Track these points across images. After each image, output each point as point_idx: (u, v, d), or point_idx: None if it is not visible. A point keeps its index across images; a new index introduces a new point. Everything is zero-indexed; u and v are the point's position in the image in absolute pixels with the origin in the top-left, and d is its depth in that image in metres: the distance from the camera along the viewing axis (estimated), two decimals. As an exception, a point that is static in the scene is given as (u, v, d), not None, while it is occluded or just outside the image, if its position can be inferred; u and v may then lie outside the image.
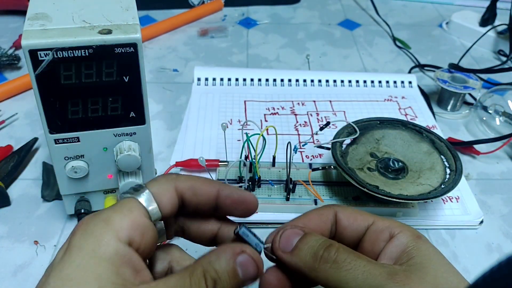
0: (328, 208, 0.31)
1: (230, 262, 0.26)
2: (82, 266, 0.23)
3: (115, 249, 0.24)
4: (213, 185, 0.29)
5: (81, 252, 0.24)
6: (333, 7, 0.89)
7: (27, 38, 0.34)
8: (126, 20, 0.37)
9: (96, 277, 0.23)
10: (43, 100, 0.36)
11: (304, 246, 0.28)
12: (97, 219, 0.25)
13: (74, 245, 0.24)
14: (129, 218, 0.25)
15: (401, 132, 0.50)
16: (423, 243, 0.29)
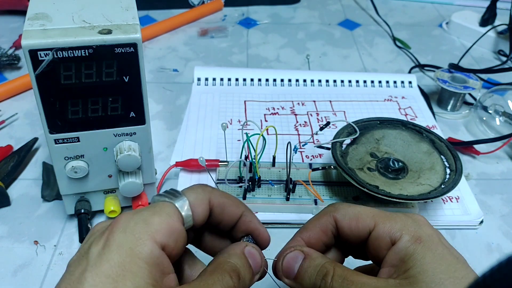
0: (328, 215, 0.32)
1: (242, 255, 0.29)
2: (121, 264, 0.24)
3: (151, 250, 0.25)
4: (239, 208, 0.31)
5: (120, 250, 0.24)
6: (333, 7, 0.89)
7: (27, 38, 0.34)
8: (126, 20, 0.37)
9: (132, 276, 0.24)
10: (43, 100, 0.36)
11: (305, 275, 0.29)
12: (138, 219, 0.26)
13: (112, 243, 0.25)
14: (167, 222, 0.26)
15: (401, 132, 0.50)
16: (422, 248, 0.28)
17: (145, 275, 0.24)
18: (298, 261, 0.30)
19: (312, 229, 0.32)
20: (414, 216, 0.30)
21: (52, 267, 0.42)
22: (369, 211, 0.31)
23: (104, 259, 0.24)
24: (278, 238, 0.44)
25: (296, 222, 0.45)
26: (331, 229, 0.31)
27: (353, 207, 0.32)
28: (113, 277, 0.24)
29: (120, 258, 0.24)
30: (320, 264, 0.29)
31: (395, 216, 0.30)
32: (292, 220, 0.45)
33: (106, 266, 0.24)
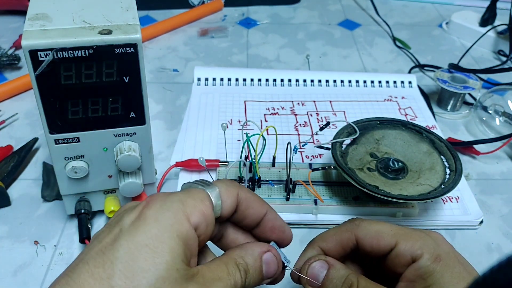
0: (349, 233, 0.33)
1: (257, 259, 0.30)
2: (158, 237, 0.25)
3: (187, 230, 0.26)
4: (263, 206, 0.31)
5: (158, 224, 0.25)
6: (333, 7, 0.89)
7: (27, 38, 0.34)
8: (126, 20, 0.37)
9: (170, 250, 0.25)
10: (43, 100, 0.36)
11: (329, 285, 0.31)
12: (174, 198, 0.27)
13: (149, 216, 0.25)
14: (201, 207, 0.27)
15: (401, 132, 0.50)
16: (441, 268, 0.30)
17: (180, 252, 0.25)
18: (323, 271, 0.31)
19: (332, 242, 0.33)
20: (432, 234, 0.32)
21: (52, 267, 0.42)
22: (389, 229, 0.32)
23: (140, 230, 0.25)
24: (278, 238, 0.45)
25: (296, 222, 0.45)
26: (350, 246, 0.33)
27: (375, 224, 0.33)
28: (151, 248, 0.24)
29: (158, 231, 0.25)
30: (345, 276, 0.31)
31: (415, 234, 0.32)
32: (292, 220, 0.45)
33: (142, 236, 0.25)
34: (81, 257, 0.26)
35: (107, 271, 0.24)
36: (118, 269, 0.24)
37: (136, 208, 0.27)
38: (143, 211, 0.26)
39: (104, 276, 0.24)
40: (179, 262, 0.25)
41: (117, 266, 0.24)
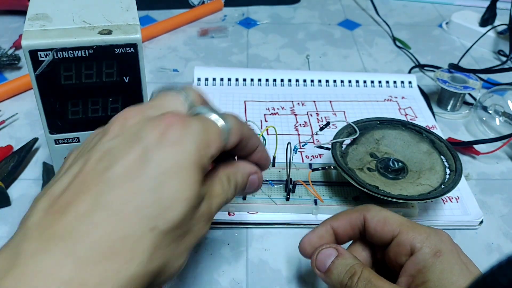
0: (358, 213, 0.34)
1: (245, 178, 0.33)
2: (185, 166, 0.26)
3: (206, 162, 0.27)
4: (257, 141, 0.34)
5: (184, 152, 0.26)
6: (333, 7, 0.89)
7: (27, 38, 0.34)
8: (126, 20, 0.37)
9: (195, 181, 0.26)
10: (43, 101, 0.36)
11: (334, 271, 0.32)
12: (195, 128, 0.27)
13: (175, 142, 0.26)
14: (217, 143, 0.28)
15: (401, 132, 0.50)
16: (440, 262, 0.30)
17: (201, 181, 0.27)
18: (331, 258, 0.33)
19: (342, 221, 0.35)
20: (438, 231, 0.32)
21: (52, 267, 0.42)
22: (397, 218, 0.33)
23: (168, 156, 0.25)
24: (278, 238, 0.45)
25: (296, 222, 0.45)
26: (358, 226, 0.34)
27: (384, 211, 0.34)
28: (179, 176, 0.25)
29: (184, 160, 0.25)
30: (350, 264, 0.32)
31: (420, 228, 0.32)
32: (292, 220, 0.45)
33: (171, 163, 0.25)
34: (101, 176, 0.24)
35: (140, 200, 0.24)
36: (151, 198, 0.24)
37: (157, 126, 0.26)
38: (167, 132, 0.26)
39: (136, 205, 0.24)
40: (199, 190, 0.26)
41: (149, 194, 0.24)
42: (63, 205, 0.24)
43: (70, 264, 0.22)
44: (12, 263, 0.22)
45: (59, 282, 0.21)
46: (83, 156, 0.26)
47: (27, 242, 0.23)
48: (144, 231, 0.24)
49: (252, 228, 0.45)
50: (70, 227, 0.23)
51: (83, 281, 0.22)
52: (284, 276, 0.41)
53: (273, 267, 0.42)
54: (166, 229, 0.25)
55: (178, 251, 0.26)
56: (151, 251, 0.24)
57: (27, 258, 0.22)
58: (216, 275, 0.41)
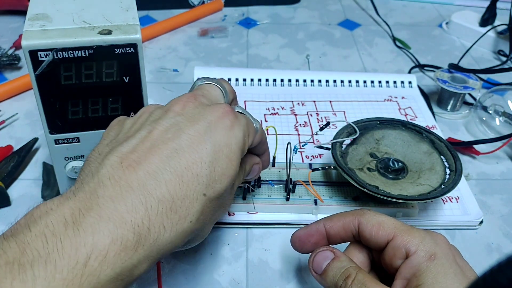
0: (353, 217, 0.35)
1: (250, 166, 0.38)
2: (234, 149, 0.31)
3: (245, 149, 0.33)
4: (267, 145, 0.40)
5: (236, 138, 0.31)
6: (333, 7, 0.89)
7: (27, 38, 0.34)
8: (126, 20, 0.37)
9: (237, 162, 0.32)
10: (43, 101, 0.36)
11: (330, 273, 0.33)
12: (243, 121, 0.33)
13: (233, 128, 0.31)
14: (251, 138, 0.34)
15: (401, 132, 0.50)
16: (435, 266, 0.30)
17: (239, 163, 0.32)
18: (327, 260, 0.34)
19: (336, 222, 0.35)
20: (433, 234, 0.33)
21: (52, 267, 0.42)
22: (392, 222, 0.33)
23: (224, 138, 0.31)
24: (278, 238, 0.45)
25: (296, 222, 0.45)
26: (351, 229, 0.35)
27: (378, 215, 0.34)
28: (228, 157, 0.30)
29: (234, 145, 0.31)
30: (345, 267, 0.32)
31: (415, 231, 0.32)
32: (292, 220, 0.45)
33: (225, 143, 0.31)
34: (169, 143, 0.29)
35: (200, 169, 0.29)
36: (208, 170, 0.29)
37: (215, 111, 0.31)
38: (224, 118, 0.31)
39: (197, 173, 0.29)
40: (238, 170, 0.32)
41: (207, 166, 0.29)
42: (134, 162, 0.28)
43: (142, 211, 0.26)
44: (92, 204, 0.26)
45: (132, 224, 0.25)
46: (146, 126, 0.31)
47: (103, 189, 0.26)
48: (198, 195, 0.29)
49: (252, 228, 0.45)
50: (143, 181, 0.27)
51: (149, 227, 0.26)
52: (284, 276, 0.41)
53: (273, 267, 0.42)
54: (212, 198, 0.30)
55: (212, 219, 0.32)
56: (199, 213, 0.29)
57: (106, 201, 0.26)
58: (216, 275, 0.41)
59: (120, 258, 0.25)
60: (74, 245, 0.24)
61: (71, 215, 0.25)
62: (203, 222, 0.30)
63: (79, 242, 0.24)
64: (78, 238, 0.24)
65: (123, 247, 0.25)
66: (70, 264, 0.23)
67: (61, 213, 0.25)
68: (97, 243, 0.24)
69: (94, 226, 0.25)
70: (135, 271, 0.26)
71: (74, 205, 0.26)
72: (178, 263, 0.42)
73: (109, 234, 0.25)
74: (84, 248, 0.24)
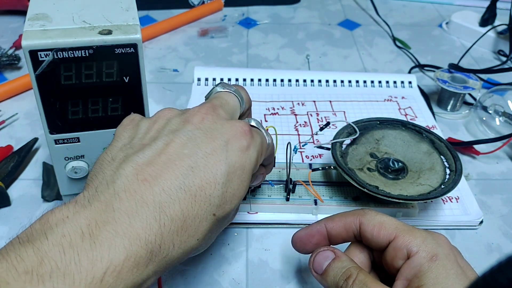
0: (354, 217, 0.35)
1: (255, 176, 0.39)
2: (247, 169, 0.32)
3: (256, 167, 0.33)
4: (273, 154, 0.40)
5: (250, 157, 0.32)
6: (333, 7, 0.89)
7: (27, 38, 0.34)
8: (126, 20, 0.37)
9: (248, 178, 0.32)
10: (43, 101, 0.36)
11: (331, 273, 0.33)
12: (258, 140, 0.33)
13: (249, 148, 0.32)
14: (263, 155, 0.35)
15: (401, 132, 0.50)
16: (436, 267, 0.30)
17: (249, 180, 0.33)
18: (328, 260, 0.34)
19: (337, 222, 0.35)
20: (435, 235, 0.32)
21: (52, 267, 0.42)
22: (393, 223, 0.33)
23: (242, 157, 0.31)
24: (278, 238, 0.45)
25: (296, 222, 0.45)
26: (353, 229, 0.35)
27: (380, 215, 0.34)
28: (239, 175, 0.31)
29: (248, 164, 0.32)
30: (346, 267, 0.32)
31: (417, 232, 0.32)
32: (292, 220, 0.45)
33: (241, 163, 0.31)
34: (185, 160, 0.29)
35: (213, 191, 0.29)
36: (220, 191, 0.29)
37: (234, 127, 0.32)
38: (241, 138, 0.31)
39: (210, 194, 0.29)
40: (247, 189, 0.32)
41: (220, 188, 0.29)
42: (150, 177, 0.28)
43: (156, 229, 0.26)
44: (108, 217, 0.26)
45: (146, 241, 0.26)
46: (163, 136, 0.31)
47: (119, 202, 0.27)
48: (208, 215, 0.29)
49: (252, 228, 0.45)
50: (158, 198, 0.27)
51: (161, 244, 0.26)
52: (284, 276, 0.41)
53: (273, 267, 0.42)
54: (221, 217, 0.30)
55: (216, 233, 0.33)
56: (207, 232, 0.29)
57: (122, 216, 0.26)
58: (216, 275, 0.41)
59: (132, 274, 0.25)
60: (91, 259, 0.24)
61: (88, 226, 0.25)
62: (209, 239, 0.31)
63: (96, 257, 0.24)
64: (95, 253, 0.24)
65: (136, 263, 0.25)
66: (87, 279, 0.23)
67: (77, 223, 0.25)
68: (113, 259, 0.24)
69: (110, 241, 0.25)
70: (143, 285, 0.26)
71: (90, 216, 0.26)
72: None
73: (124, 250, 0.25)
74: (100, 263, 0.24)
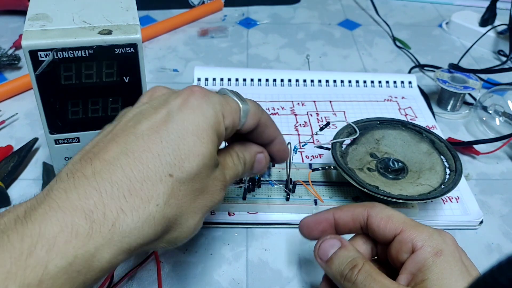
0: (363, 208, 0.35)
1: (253, 156, 0.35)
2: (204, 128, 0.29)
3: (222, 128, 0.30)
4: (275, 132, 0.36)
5: (203, 116, 0.29)
6: (333, 7, 0.89)
7: (27, 38, 0.34)
8: (126, 20, 0.37)
9: (211, 141, 0.29)
10: (43, 101, 0.36)
11: (336, 261, 0.33)
12: (215, 99, 0.31)
13: (196, 106, 0.29)
14: (233, 115, 0.31)
15: (401, 132, 0.50)
16: (440, 262, 0.30)
17: (216, 145, 0.30)
18: (334, 248, 0.33)
19: (345, 212, 0.35)
20: (441, 232, 0.32)
21: (52, 267, 0.42)
22: (400, 217, 0.33)
23: (189, 117, 0.29)
24: (278, 238, 0.45)
25: (296, 222, 0.45)
26: (360, 221, 0.35)
27: (388, 209, 0.34)
28: (198, 136, 0.28)
29: (203, 123, 0.29)
30: (352, 257, 0.32)
31: (423, 227, 0.32)
32: (292, 220, 0.45)
33: (191, 124, 0.28)
34: (129, 130, 0.28)
35: (160, 148, 0.27)
36: (171, 148, 0.27)
37: (181, 94, 0.30)
38: (189, 99, 0.29)
39: (157, 152, 0.27)
40: (215, 152, 0.30)
41: (169, 145, 0.27)
42: (92, 155, 0.27)
43: (95, 197, 0.25)
44: (44, 197, 0.25)
45: (85, 210, 0.24)
46: (114, 122, 0.30)
47: (58, 184, 0.26)
48: (162, 176, 0.27)
49: (252, 228, 0.45)
50: (97, 169, 0.26)
51: (104, 212, 0.25)
52: (284, 276, 0.41)
53: (273, 267, 0.42)
54: (182, 179, 0.27)
55: (193, 207, 0.29)
56: (167, 196, 0.27)
57: (58, 193, 0.25)
58: (216, 275, 0.41)
59: (72, 246, 0.24)
60: (20, 237, 0.23)
61: (24, 212, 0.24)
62: (178, 208, 0.28)
63: (25, 233, 0.23)
64: (26, 230, 0.23)
65: (75, 234, 0.24)
66: (13, 256, 0.22)
67: (15, 212, 0.25)
68: (44, 232, 0.23)
69: (43, 216, 0.24)
70: (94, 261, 0.24)
71: (29, 203, 0.25)
72: (178, 263, 0.42)
73: (57, 222, 0.24)
74: (29, 238, 0.23)
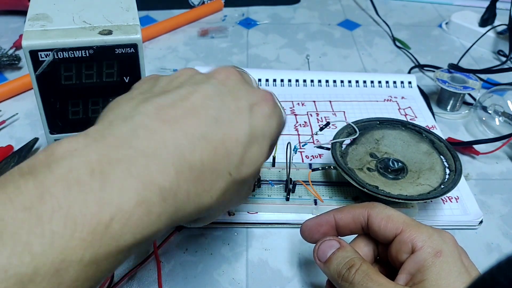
0: (363, 209, 0.35)
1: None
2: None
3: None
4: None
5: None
6: (333, 7, 0.89)
7: (27, 38, 0.34)
8: (127, 20, 0.37)
9: (271, 148, 0.32)
10: (43, 101, 0.36)
11: (334, 261, 0.33)
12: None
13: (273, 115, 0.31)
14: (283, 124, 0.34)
15: (400, 132, 0.51)
16: (440, 263, 0.30)
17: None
18: (332, 248, 0.34)
19: (346, 214, 0.35)
20: (442, 232, 0.33)
21: (53, 267, 0.42)
22: (401, 217, 0.33)
23: (261, 121, 0.30)
24: (278, 238, 0.45)
25: (296, 222, 0.45)
26: (360, 221, 0.35)
27: (388, 209, 0.34)
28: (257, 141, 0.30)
29: (269, 131, 0.31)
30: (350, 257, 0.33)
31: (423, 228, 0.33)
32: (292, 220, 0.45)
33: (261, 128, 0.30)
34: (210, 113, 0.28)
35: (231, 145, 0.28)
36: (240, 151, 0.28)
37: (258, 94, 0.31)
38: (264, 104, 0.30)
39: (231, 150, 0.28)
40: (264, 161, 0.31)
41: (241, 147, 0.28)
42: (172, 118, 0.26)
43: (172, 175, 0.24)
44: (122, 154, 0.23)
45: (159, 187, 0.23)
46: (187, 86, 0.29)
47: (136, 140, 0.24)
48: (225, 173, 0.28)
49: (252, 228, 0.45)
50: (179, 141, 0.25)
51: (176, 193, 0.24)
52: (284, 276, 0.41)
53: (273, 267, 0.42)
54: (237, 180, 0.28)
55: (228, 204, 0.32)
56: (222, 191, 0.28)
57: (139, 156, 0.24)
58: (216, 275, 0.41)
59: (143, 222, 0.22)
60: (98, 201, 0.21)
61: (99, 162, 0.22)
62: (221, 204, 0.29)
63: (104, 199, 0.21)
64: (104, 194, 0.21)
65: (148, 211, 0.22)
66: (91, 224, 0.21)
67: (87, 158, 0.22)
68: (123, 203, 0.22)
69: (122, 182, 0.22)
70: (151, 239, 0.24)
71: (102, 151, 0.23)
72: (178, 263, 0.42)
73: (136, 195, 0.22)
74: (108, 207, 0.21)
